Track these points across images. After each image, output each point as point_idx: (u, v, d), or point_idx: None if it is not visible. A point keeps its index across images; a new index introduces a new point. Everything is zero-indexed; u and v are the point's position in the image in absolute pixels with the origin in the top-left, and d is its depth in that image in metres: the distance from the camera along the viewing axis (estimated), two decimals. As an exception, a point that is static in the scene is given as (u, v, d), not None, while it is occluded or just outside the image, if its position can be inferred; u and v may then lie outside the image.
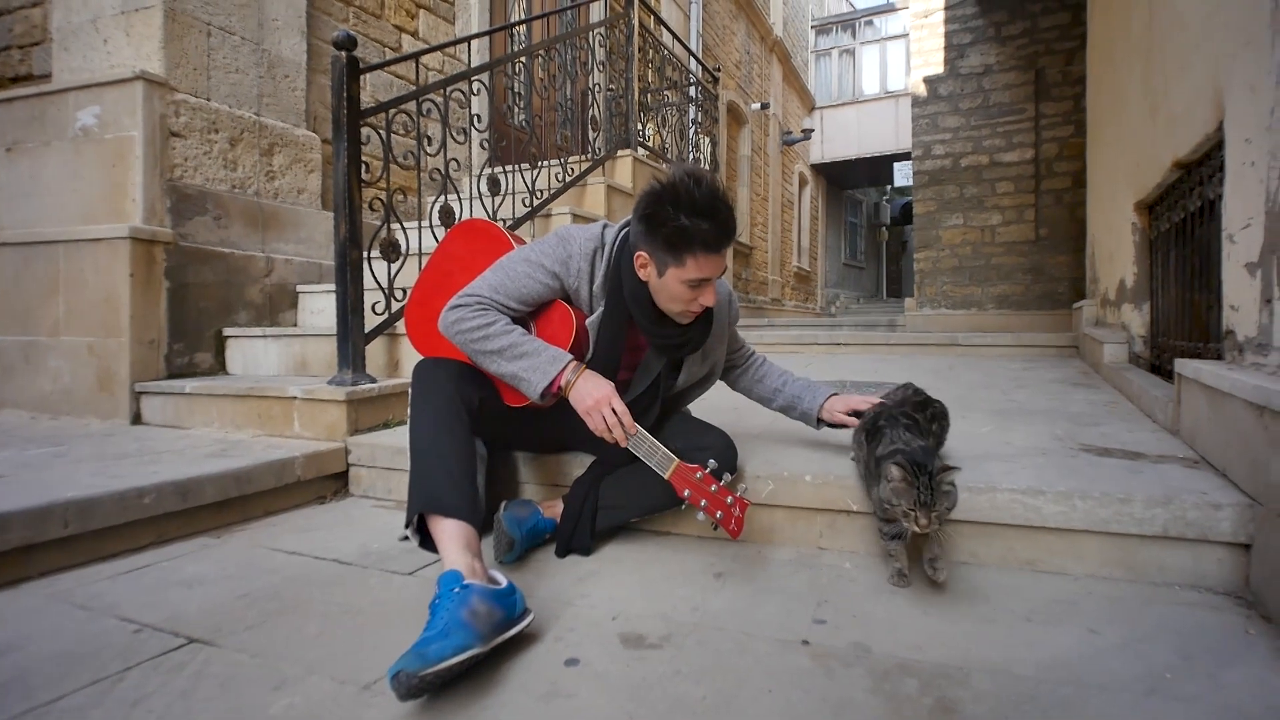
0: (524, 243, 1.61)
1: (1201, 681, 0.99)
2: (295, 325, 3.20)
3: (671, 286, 1.38)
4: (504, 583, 1.16)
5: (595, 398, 1.36)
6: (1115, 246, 3.35)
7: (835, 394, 1.70)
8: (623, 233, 1.49)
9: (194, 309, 2.80)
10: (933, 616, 1.21)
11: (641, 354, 1.57)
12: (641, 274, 1.43)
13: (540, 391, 1.38)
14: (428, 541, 1.31)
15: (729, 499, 1.34)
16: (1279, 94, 1.37)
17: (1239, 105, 1.60)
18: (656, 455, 1.36)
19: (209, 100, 2.92)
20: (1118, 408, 2.37)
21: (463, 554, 1.20)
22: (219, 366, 2.91)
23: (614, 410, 1.36)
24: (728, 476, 1.38)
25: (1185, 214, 2.20)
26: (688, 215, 1.29)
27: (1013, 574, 1.39)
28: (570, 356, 1.41)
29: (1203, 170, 2.02)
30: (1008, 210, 6.37)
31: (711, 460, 1.36)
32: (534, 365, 1.38)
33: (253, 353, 2.89)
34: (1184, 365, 1.74)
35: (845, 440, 1.86)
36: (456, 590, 1.08)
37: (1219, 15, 1.75)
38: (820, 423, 1.71)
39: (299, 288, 3.22)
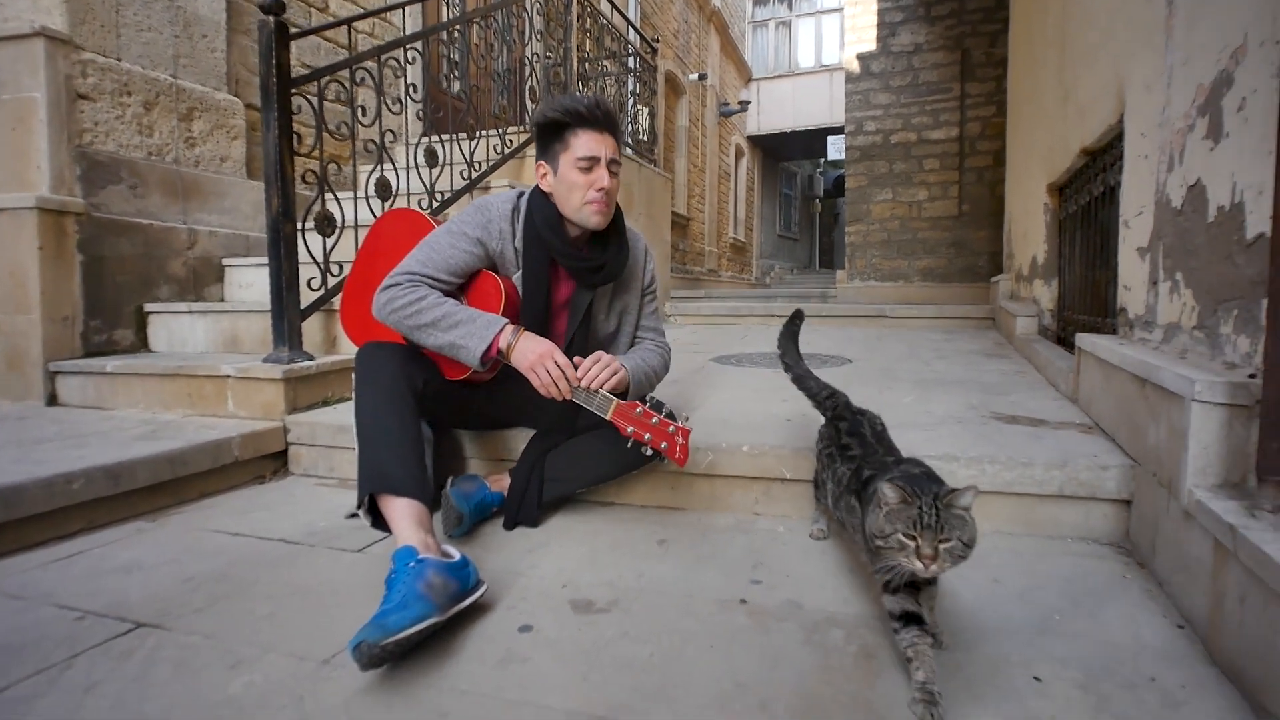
0: None
1: (1084, 621, 1.13)
2: (223, 300, 3.08)
3: (566, 175, 1.49)
4: (457, 556, 1.19)
5: (538, 353, 1.40)
6: (1029, 225, 3.57)
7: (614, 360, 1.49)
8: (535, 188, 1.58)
9: (111, 284, 2.66)
10: (856, 574, 1.32)
11: (567, 313, 1.62)
12: (544, 185, 1.54)
13: (479, 356, 1.40)
14: (379, 521, 1.33)
15: (671, 428, 1.39)
16: (1170, 94, 1.50)
17: (1137, 101, 1.74)
18: (595, 399, 1.41)
19: (120, 60, 2.74)
20: (1026, 377, 2.57)
21: (415, 530, 1.23)
22: (141, 344, 2.78)
23: (556, 363, 1.40)
24: (667, 407, 1.41)
25: (1090, 197, 2.37)
26: (565, 103, 1.49)
27: (929, 533, 1.51)
28: (505, 320, 1.45)
29: (1106, 158, 2.19)
30: (934, 186, 6.64)
31: (650, 394, 1.41)
32: (470, 331, 1.41)
33: (178, 329, 2.77)
34: (1083, 339, 1.91)
35: (781, 412, 1.96)
36: (412, 565, 1.11)
37: (1121, 14, 1.88)
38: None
39: (225, 261, 3.09)
